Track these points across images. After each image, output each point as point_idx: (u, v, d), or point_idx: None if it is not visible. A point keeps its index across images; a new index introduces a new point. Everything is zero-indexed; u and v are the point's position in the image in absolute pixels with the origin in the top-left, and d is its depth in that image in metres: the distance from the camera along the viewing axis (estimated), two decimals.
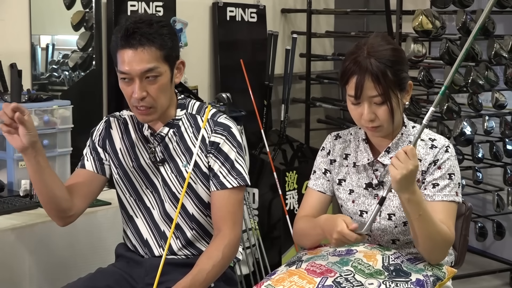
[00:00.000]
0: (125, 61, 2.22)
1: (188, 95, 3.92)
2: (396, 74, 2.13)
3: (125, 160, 2.41)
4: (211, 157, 2.33)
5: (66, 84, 3.86)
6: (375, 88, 2.11)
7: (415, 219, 2.05)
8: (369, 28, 5.40)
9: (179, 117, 2.37)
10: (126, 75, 2.23)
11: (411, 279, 2.04)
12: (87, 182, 2.39)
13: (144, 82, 2.23)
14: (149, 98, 2.24)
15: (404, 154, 1.99)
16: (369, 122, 2.16)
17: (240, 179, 2.33)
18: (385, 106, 2.13)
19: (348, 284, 2.00)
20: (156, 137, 2.36)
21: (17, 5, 3.51)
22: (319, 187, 2.35)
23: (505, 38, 4.11)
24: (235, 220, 2.33)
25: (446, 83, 2.09)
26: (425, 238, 2.08)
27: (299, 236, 2.33)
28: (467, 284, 4.29)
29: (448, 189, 2.17)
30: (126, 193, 2.43)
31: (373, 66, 2.10)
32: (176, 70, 2.32)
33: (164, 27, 2.26)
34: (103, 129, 2.45)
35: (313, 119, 5.03)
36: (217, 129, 2.34)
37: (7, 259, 2.63)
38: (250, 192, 4.17)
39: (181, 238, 2.39)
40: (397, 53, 2.17)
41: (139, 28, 2.21)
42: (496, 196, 4.41)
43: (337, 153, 2.34)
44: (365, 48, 2.14)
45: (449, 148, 2.21)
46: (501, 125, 4.28)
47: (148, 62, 2.21)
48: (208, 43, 4.46)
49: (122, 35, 2.22)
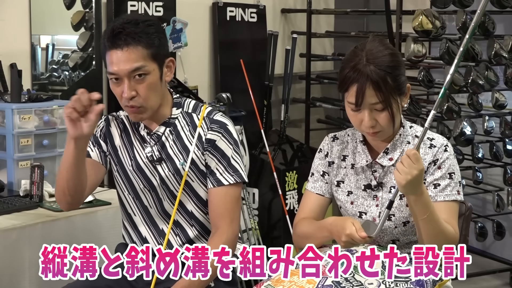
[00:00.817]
0: (113, 61, 2.24)
1: (188, 95, 3.93)
2: (395, 80, 2.13)
3: (124, 158, 2.41)
4: (208, 154, 2.34)
5: (66, 84, 3.86)
6: (376, 95, 2.11)
7: (422, 220, 2.06)
8: (369, 28, 5.40)
9: (175, 116, 2.37)
10: (115, 75, 2.25)
11: (410, 279, 2.04)
12: (93, 172, 2.41)
13: (132, 81, 2.24)
14: (139, 97, 2.25)
15: (408, 159, 1.99)
16: (370, 128, 2.15)
17: (236, 176, 2.33)
18: (385, 112, 2.13)
19: (347, 284, 2.00)
20: (153, 137, 2.37)
21: (17, 5, 3.52)
22: (318, 190, 2.35)
23: (505, 38, 4.11)
24: (233, 217, 2.34)
25: (445, 85, 2.09)
26: (431, 238, 2.08)
27: (302, 239, 2.30)
28: (467, 284, 4.28)
29: (449, 189, 2.18)
30: (125, 191, 2.43)
31: (373, 74, 2.10)
32: (166, 68, 2.32)
33: (151, 26, 2.27)
34: (103, 126, 2.46)
35: (313, 119, 5.03)
36: (213, 126, 2.34)
37: (7, 259, 2.63)
38: (250, 192, 4.17)
39: (181, 235, 2.39)
40: (395, 57, 2.17)
41: (124, 28, 2.23)
42: (496, 196, 4.40)
43: (335, 155, 2.33)
44: (364, 55, 2.13)
45: (447, 147, 2.21)
46: (501, 125, 4.28)
47: (134, 61, 2.22)
48: (208, 43, 4.47)
49: (109, 36, 2.24)
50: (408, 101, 2.23)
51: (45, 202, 2.95)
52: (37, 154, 3.15)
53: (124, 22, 2.25)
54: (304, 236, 2.29)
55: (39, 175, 2.94)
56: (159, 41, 2.27)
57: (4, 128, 3.10)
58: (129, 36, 2.22)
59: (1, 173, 3.12)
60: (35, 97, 3.20)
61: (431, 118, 2.06)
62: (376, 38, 2.21)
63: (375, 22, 5.20)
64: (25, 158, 3.12)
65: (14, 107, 3.08)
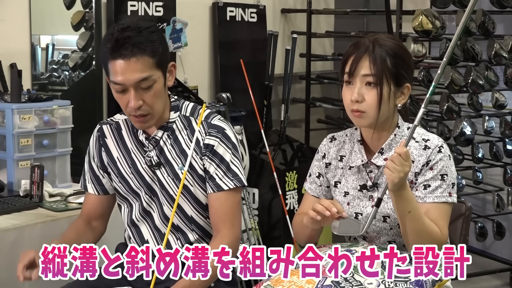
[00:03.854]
0: (118, 71, 2.19)
1: (188, 95, 3.93)
2: (395, 66, 2.15)
3: (123, 167, 2.40)
4: (206, 159, 2.32)
5: (66, 84, 3.86)
6: (370, 67, 2.13)
7: (405, 216, 2.06)
8: (369, 28, 5.40)
9: (173, 120, 2.35)
10: (120, 85, 2.21)
11: (410, 279, 2.04)
12: (97, 205, 2.47)
13: (139, 90, 2.21)
14: (146, 105, 2.23)
15: (399, 158, 2.00)
16: (355, 104, 2.15)
17: (236, 180, 2.32)
18: (375, 90, 2.13)
19: (347, 284, 2.00)
20: (151, 141, 2.35)
21: (17, 5, 3.52)
22: (313, 192, 2.37)
23: (505, 38, 4.11)
24: (234, 221, 2.33)
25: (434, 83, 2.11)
26: (414, 236, 2.08)
27: (294, 232, 2.39)
28: (467, 284, 4.28)
29: (440, 190, 2.16)
30: (127, 199, 2.43)
31: (374, 49, 2.14)
32: (168, 73, 2.30)
33: (154, 32, 2.23)
34: (97, 141, 2.44)
35: (313, 119, 5.03)
36: (211, 131, 2.32)
37: (7, 259, 2.63)
38: (250, 192, 4.17)
39: (182, 239, 2.39)
40: (402, 50, 2.19)
41: (129, 38, 2.18)
42: (496, 196, 4.41)
43: (331, 156, 2.34)
44: (370, 39, 2.18)
45: (442, 148, 2.19)
46: (501, 125, 4.28)
47: (142, 71, 2.19)
48: (208, 43, 4.46)
49: (113, 46, 2.19)
50: (404, 101, 2.22)
51: (45, 202, 2.95)
52: (37, 154, 3.15)
53: (126, 29, 2.21)
54: (295, 229, 2.35)
55: (39, 175, 2.95)
56: (162, 48, 2.25)
57: (4, 128, 3.10)
58: (135, 46, 2.17)
59: (1, 173, 3.12)
60: (35, 97, 3.20)
61: (420, 115, 2.07)
62: (387, 34, 2.25)
63: (375, 22, 5.20)
64: (25, 158, 3.12)
65: (14, 107, 3.08)
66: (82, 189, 2.53)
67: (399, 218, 2.10)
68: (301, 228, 2.28)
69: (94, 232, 2.49)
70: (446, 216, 2.17)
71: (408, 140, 2.06)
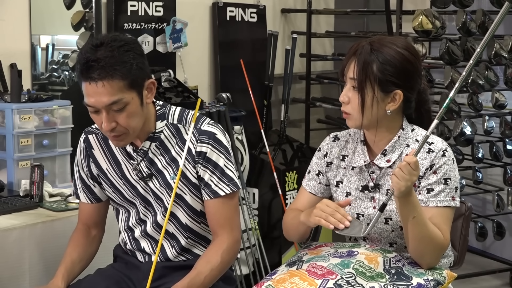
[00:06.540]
0: (89, 93, 2.14)
1: (188, 95, 3.93)
2: (382, 72, 2.13)
3: (115, 178, 2.38)
4: (200, 167, 2.28)
5: (66, 84, 3.86)
6: (353, 71, 2.15)
7: (409, 221, 2.05)
8: (369, 28, 5.40)
9: (160, 129, 2.30)
10: (92, 107, 2.17)
11: (412, 283, 2.04)
12: (91, 213, 2.46)
13: (111, 112, 2.15)
14: (120, 127, 2.18)
15: (408, 167, 1.99)
16: (343, 105, 2.19)
17: (232, 185, 2.30)
18: (358, 95, 2.15)
19: (349, 286, 2.00)
20: (139, 153, 2.31)
21: (17, 5, 3.51)
22: (311, 189, 2.35)
23: (505, 38, 4.11)
24: (233, 225, 2.32)
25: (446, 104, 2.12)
26: (417, 241, 2.08)
27: (284, 228, 2.36)
28: (467, 284, 4.29)
29: (443, 194, 2.15)
30: (124, 206, 2.42)
31: (363, 53, 2.14)
32: (147, 91, 2.21)
33: (128, 51, 2.13)
34: (84, 152, 2.41)
35: (313, 119, 5.03)
36: (203, 138, 2.28)
37: (7, 259, 2.63)
38: (250, 192, 4.17)
39: (176, 247, 2.37)
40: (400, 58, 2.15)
41: (98, 60, 2.09)
42: (496, 196, 4.40)
43: (334, 156, 2.33)
44: (370, 40, 2.18)
45: (446, 152, 2.18)
46: (501, 125, 4.28)
47: (111, 95, 2.11)
48: (208, 43, 4.46)
49: (82, 68, 2.12)
50: (395, 108, 2.17)
51: (45, 202, 2.95)
52: (37, 154, 3.15)
53: (97, 48, 2.11)
54: (285, 225, 2.34)
55: (39, 175, 2.94)
56: (137, 67, 2.15)
57: (4, 128, 3.09)
58: (103, 70, 2.09)
59: (1, 173, 3.12)
60: (35, 97, 3.19)
61: (434, 127, 2.06)
62: (397, 37, 2.24)
63: (375, 22, 5.20)
64: (25, 158, 3.11)
65: (14, 107, 3.08)
66: (75, 197, 2.52)
67: (403, 222, 2.09)
68: (296, 225, 2.26)
69: (94, 242, 2.48)
70: (448, 221, 2.17)
71: (418, 150, 2.05)
